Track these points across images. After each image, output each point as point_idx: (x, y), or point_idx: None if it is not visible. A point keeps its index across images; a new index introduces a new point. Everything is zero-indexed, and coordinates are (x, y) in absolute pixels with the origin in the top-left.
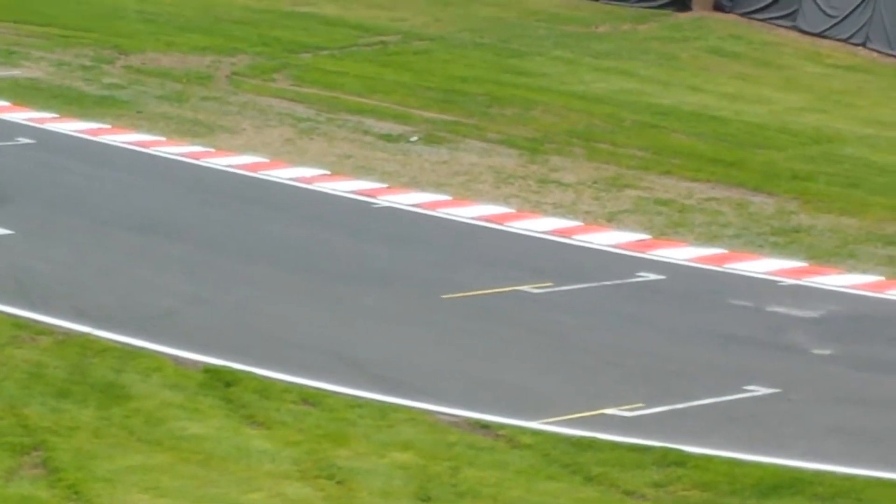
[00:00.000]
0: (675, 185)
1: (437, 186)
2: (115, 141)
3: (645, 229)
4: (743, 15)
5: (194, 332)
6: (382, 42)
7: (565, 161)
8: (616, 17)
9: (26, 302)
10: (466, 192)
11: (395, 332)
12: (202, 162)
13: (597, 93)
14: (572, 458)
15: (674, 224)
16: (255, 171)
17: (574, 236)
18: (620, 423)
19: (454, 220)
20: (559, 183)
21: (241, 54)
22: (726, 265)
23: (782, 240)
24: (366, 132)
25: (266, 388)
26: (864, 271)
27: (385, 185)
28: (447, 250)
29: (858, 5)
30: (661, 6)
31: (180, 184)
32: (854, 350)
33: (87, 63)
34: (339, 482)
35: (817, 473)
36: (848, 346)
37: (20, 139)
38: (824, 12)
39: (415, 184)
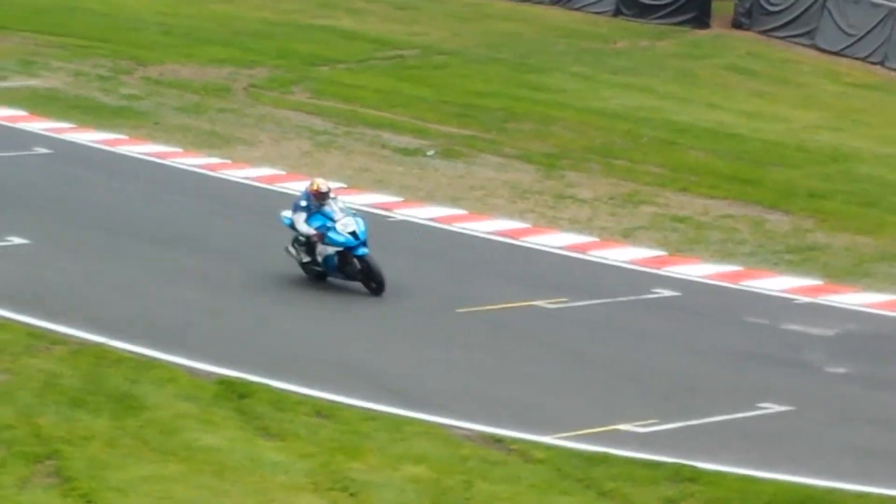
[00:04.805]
0: (692, 202)
1: (454, 201)
2: (132, 152)
3: (660, 246)
4: (761, 32)
5: (209, 344)
6: (401, 56)
7: (582, 177)
8: (635, 33)
9: (42, 311)
10: (482, 206)
11: (410, 346)
12: (219, 174)
13: (615, 109)
14: (585, 472)
15: (689, 241)
16: (271, 184)
17: (590, 252)
18: (634, 438)
19: (470, 235)
20: (575, 199)
21: (260, 67)
22: (741, 282)
23: (798, 258)
24: (383, 146)
25: (280, 400)
26: (880, 290)
27: (401, 199)
28: (462, 264)
29: (877, 24)
30: (679, 23)
31: (197, 195)
32: (868, 369)
33: (105, 74)
34: (352, 494)
35: (830, 491)
36: (862, 365)
37: (37, 149)
38: (843, 31)
39: (431, 198)
